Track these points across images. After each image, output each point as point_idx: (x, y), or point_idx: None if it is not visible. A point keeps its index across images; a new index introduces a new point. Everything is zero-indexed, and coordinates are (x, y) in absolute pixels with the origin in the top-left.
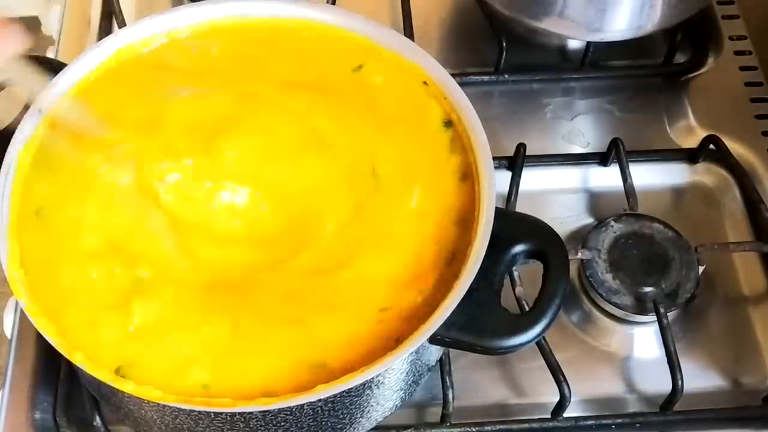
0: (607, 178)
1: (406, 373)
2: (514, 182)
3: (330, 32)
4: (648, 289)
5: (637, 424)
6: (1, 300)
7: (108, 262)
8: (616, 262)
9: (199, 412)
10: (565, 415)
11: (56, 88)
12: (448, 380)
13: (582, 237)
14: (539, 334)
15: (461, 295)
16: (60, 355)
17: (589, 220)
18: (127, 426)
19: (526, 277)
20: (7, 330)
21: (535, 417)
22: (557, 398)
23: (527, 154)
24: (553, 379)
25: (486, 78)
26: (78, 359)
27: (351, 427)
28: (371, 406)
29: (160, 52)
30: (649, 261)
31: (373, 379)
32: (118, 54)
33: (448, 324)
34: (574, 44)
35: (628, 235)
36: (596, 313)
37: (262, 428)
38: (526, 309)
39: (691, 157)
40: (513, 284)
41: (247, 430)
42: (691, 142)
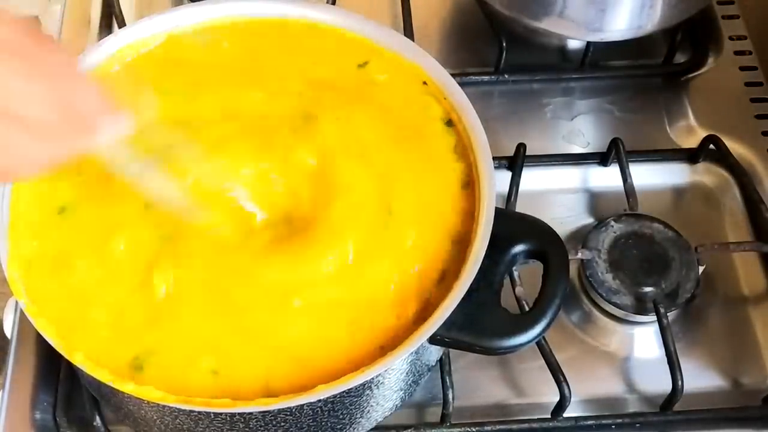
0: (607, 178)
1: (406, 373)
2: (514, 182)
3: (330, 32)
4: (648, 289)
5: (637, 424)
6: (1, 300)
7: (128, 261)
8: (616, 262)
9: (199, 413)
10: (565, 415)
11: None
12: (448, 380)
13: (582, 237)
14: (539, 334)
15: (461, 295)
16: (60, 355)
17: (589, 220)
18: (127, 426)
19: (526, 277)
20: (7, 330)
21: (535, 417)
22: (557, 398)
23: (527, 154)
24: (553, 379)
25: (486, 78)
26: (78, 359)
27: (351, 427)
28: (371, 406)
29: (160, 52)
30: (649, 261)
31: (373, 379)
32: (118, 54)
33: (448, 324)
34: (574, 44)
35: (628, 235)
36: (596, 313)
37: (262, 428)
38: (526, 309)
39: (691, 157)
40: (513, 284)
41: (247, 430)
42: (691, 142)
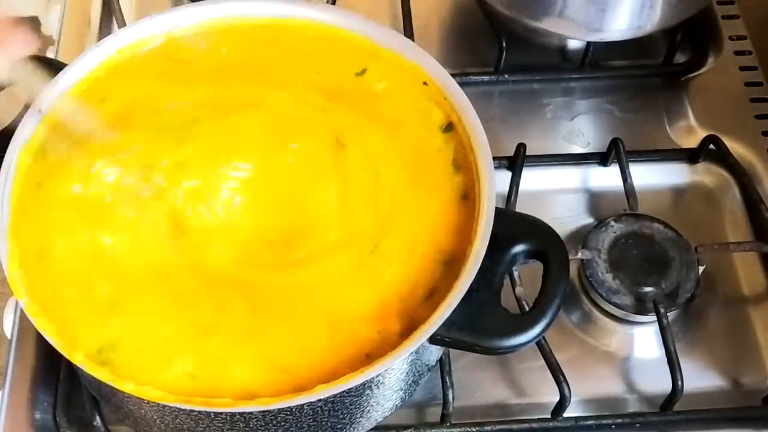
0: (607, 178)
1: (406, 373)
2: (514, 182)
3: (330, 32)
4: (648, 289)
5: (637, 424)
6: (1, 300)
7: (103, 260)
8: (616, 262)
9: (199, 412)
10: (565, 415)
11: (56, 88)
12: (448, 380)
13: (582, 237)
14: (539, 334)
15: (461, 295)
16: (60, 355)
17: (589, 220)
18: (127, 426)
19: (526, 277)
20: (7, 330)
21: (535, 417)
22: (557, 398)
23: (527, 154)
24: (553, 379)
25: (486, 78)
26: (78, 359)
27: (351, 427)
28: (371, 406)
29: (160, 52)
30: (649, 261)
31: (373, 379)
32: (118, 54)
33: (448, 324)
34: (574, 44)
35: (628, 235)
36: (596, 313)
37: (262, 428)
38: (526, 309)
39: (691, 157)
40: (513, 284)
41: (247, 430)
42: (691, 142)
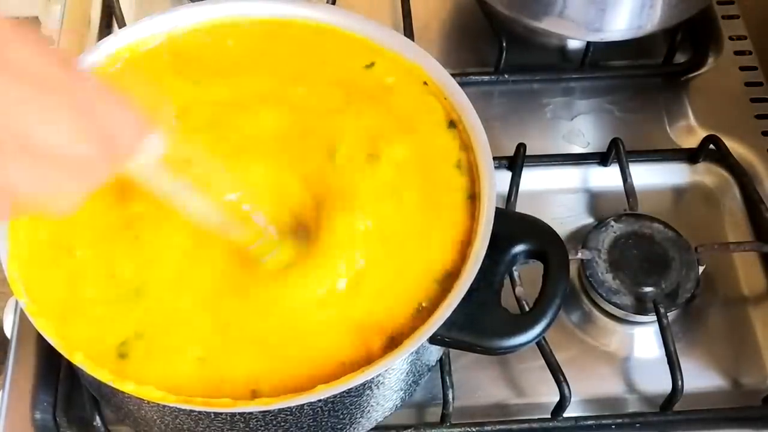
0: (607, 178)
1: (406, 373)
2: (514, 182)
3: (330, 32)
4: (648, 289)
5: (637, 424)
6: (1, 300)
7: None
8: (616, 262)
9: (199, 413)
10: (565, 415)
11: None
12: (448, 380)
13: (582, 237)
14: (539, 334)
15: (461, 295)
16: (60, 355)
17: (589, 220)
18: (127, 426)
19: (526, 277)
20: (7, 330)
21: (535, 417)
22: (557, 398)
23: (527, 154)
24: (553, 379)
25: (486, 78)
26: (78, 359)
27: (351, 427)
28: (371, 406)
29: (165, 50)
30: (649, 261)
31: (373, 379)
32: (121, 53)
33: (448, 324)
34: (574, 44)
35: (628, 235)
36: (596, 313)
37: (262, 428)
38: (526, 309)
39: (691, 157)
40: (513, 284)
41: (247, 430)
42: (691, 142)
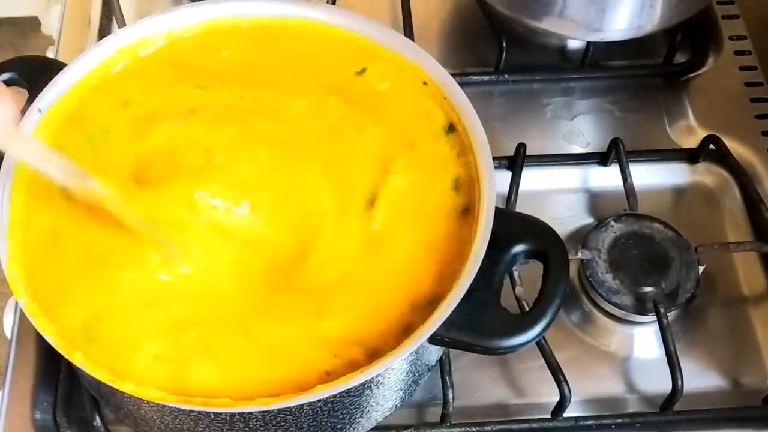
0: (607, 178)
1: (406, 373)
2: (514, 182)
3: (330, 32)
4: (648, 289)
5: (637, 424)
6: (1, 300)
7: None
8: (616, 262)
9: (199, 413)
10: (565, 415)
11: (56, 88)
12: (448, 380)
13: (582, 237)
14: (539, 334)
15: (461, 295)
16: (60, 355)
17: (589, 220)
18: (127, 426)
19: (526, 277)
20: (7, 330)
21: (535, 417)
22: (557, 398)
23: (527, 154)
24: (553, 379)
25: (486, 78)
26: (78, 359)
27: (351, 427)
28: (371, 406)
29: (160, 53)
30: (649, 261)
31: (373, 379)
32: (121, 56)
33: (448, 324)
34: (574, 44)
35: (628, 235)
36: (596, 313)
37: (262, 428)
38: (526, 309)
39: (691, 157)
40: (513, 284)
41: (247, 430)
42: (691, 142)
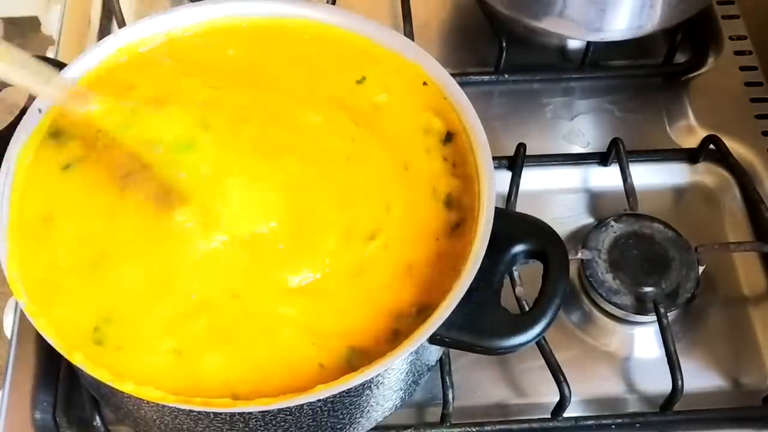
0: (607, 178)
1: (406, 373)
2: (514, 182)
3: (330, 32)
4: (648, 289)
5: (637, 424)
6: (0, 300)
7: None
8: (616, 262)
9: (199, 413)
10: (565, 415)
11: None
12: (448, 380)
13: (582, 237)
14: (539, 334)
15: (461, 295)
16: (60, 355)
17: (589, 220)
18: (126, 426)
19: (526, 277)
20: (7, 330)
21: (535, 417)
22: (557, 398)
23: (527, 154)
24: (553, 379)
25: (486, 78)
26: (78, 359)
27: (351, 427)
28: (371, 406)
29: (160, 53)
30: (650, 261)
31: (372, 379)
32: (117, 54)
33: (448, 324)
34: (574, 44)
35: (628, 235)
36: (596, 313)
37: (262, 428)
38: (526, 309)
39: (691, 157)
40: (513, 284)
41: (247, 430)
42: (692, 142)
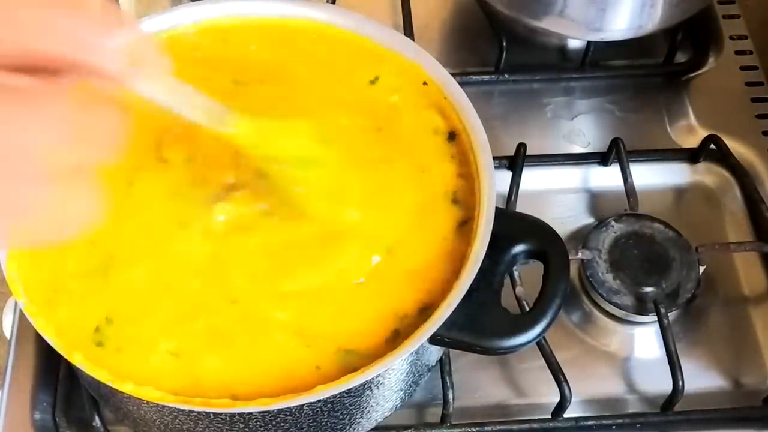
0: (607, 178)
1: (406, 374)
2: (515, 182)
3: (330, 32)
4: (648, 289)
5: (638, 425)
6: (0, 300)
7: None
8: (617, 262)
9: (199, 413)
10: (566, 415)
11: None
12: (448, 380)
13: (582, 237)
14: (539, 334)
15: (461, 295)
16: (60, 356)
17: (590, 220)
18: (126, 426)
19: (526, 277)
20: (7, 330)
21: (536, 417)
22: (557, 398)
23: (528, 153)
24: (554, 380)
25: (486, 78)
26: (77, 359)
27: (351, 427)
28: (371, 406)
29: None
30: (650, 261)
31: (372, 379)
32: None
33: (448, 324)
34: (575, 44)
35: (628, 235)
36: (596, 313)
37: (262, 429)
38: (527, 309)
39: (691, 156)
40: (513, 284)
41: (247, 430)
42: (692, 142)
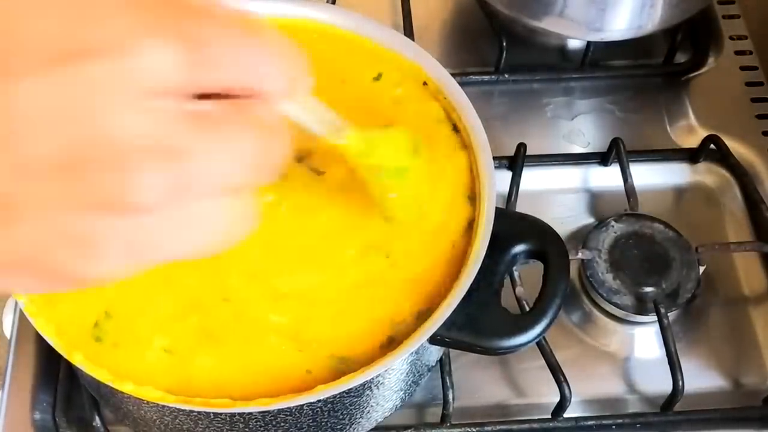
0: (607, 178)
1: (406, 374)
2: (515, 182)
3: (331, 32)
4: (648, 289)
5: (638, 425)
6: (0, 300)
7: None
8: (617, 262)
9: (199, 413)
10: (566, 415)
11: None
12: (448, 380)
13: (582, 237)
14: (539, 335)
15: (461, 295)
16: (59, 355)
17: (590, 220)
18: (126, 426)
19: (526, 277)
20: (7, 330)
21: (536, 417)
22: (557, 398)
23: (527, 153)
24: (554, 380)
25: (486, 78)
26: (77, 359)
27: (351, 427)
28: (371, 406)
29: None
30: (650, 261)
31: (372, 379)
32: None
33: (448, 324)
34: (575, 44)
35: (628, 235)
36: (596, 313)
37: (262, 428)
38: (527, 309)
39: (691, 156)
40: (513, 284)
41: (247, 430)
42: (692, 142)
